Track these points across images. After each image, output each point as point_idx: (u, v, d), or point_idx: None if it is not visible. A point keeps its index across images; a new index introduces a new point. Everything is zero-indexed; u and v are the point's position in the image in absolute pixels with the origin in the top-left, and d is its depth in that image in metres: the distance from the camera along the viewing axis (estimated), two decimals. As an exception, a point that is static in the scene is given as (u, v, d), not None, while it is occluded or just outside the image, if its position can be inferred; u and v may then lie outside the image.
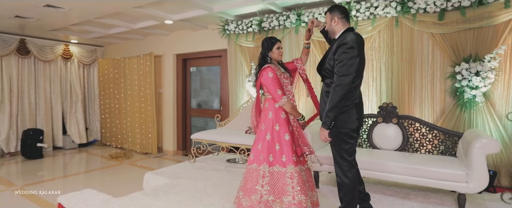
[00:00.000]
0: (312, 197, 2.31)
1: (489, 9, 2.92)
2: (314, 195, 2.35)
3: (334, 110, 1.88)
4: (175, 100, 5.78)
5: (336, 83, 1.88)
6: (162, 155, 5.82)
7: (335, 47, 1.93)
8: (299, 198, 2.16)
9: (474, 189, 2.28)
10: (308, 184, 2.32)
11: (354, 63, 1.87)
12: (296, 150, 2.27)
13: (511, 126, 2.94)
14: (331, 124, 1.91)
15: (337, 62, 1.89)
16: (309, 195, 2.26)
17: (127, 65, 6.09)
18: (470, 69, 2.96)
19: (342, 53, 1.87)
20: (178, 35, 5.57)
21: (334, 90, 1.88)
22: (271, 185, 2.20)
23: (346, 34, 1.96)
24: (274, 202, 2.17)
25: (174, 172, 3.56)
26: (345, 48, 1.86)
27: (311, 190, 2.33)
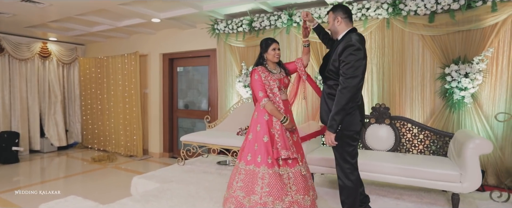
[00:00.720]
0: (304, 201, 2.26)
1: (477, 12, 3.00)
2: (306, 199, 2.28)
3: (341, 112, 1.84)
4: (162, 101, 5.61)
5: (343, 86, 1.84)
6: (148, 158, 5.64)
7: (341, 48, 1.88)
8: (265, 199, 2.16)
9: (467, 188, 2.32)
10: (296, 187, 2.26)
11: (361, 65, 1.84)
12: (273, 152, 2.26)
13: (497, 126, 3.03)
14: (338, 127, 1.87)
15: (344, 64, 1.85)
16: (288, 200, 2.20)
17: (111, 65, 5.86)
18: (459, 71, 3.03)
19: (349, 55, 1.83)
20: (164, 34, 5.41)
21: (340, 93, 1.84)
22: (244, 182, 2.27)
23: (351, 35, 1.93)
24: (244, 198, 2.23)
25: (163, 175, 3.43)
26: (352, 50, 1.83)
27: (302, 194, 2.27)
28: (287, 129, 2.35)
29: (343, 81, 1.84)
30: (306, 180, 2.36)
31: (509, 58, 2.96)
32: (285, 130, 2.33)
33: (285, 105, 2.47)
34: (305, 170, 2.41)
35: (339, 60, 1.89)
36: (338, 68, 1.91)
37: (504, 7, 2.91)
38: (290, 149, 2.29)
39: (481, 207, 2.54)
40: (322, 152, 3.03)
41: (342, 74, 1.86)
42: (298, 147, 2.47)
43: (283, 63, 2.55)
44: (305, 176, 2.35)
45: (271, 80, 2.38)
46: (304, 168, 2.41)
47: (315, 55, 3.87)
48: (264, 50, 2.46)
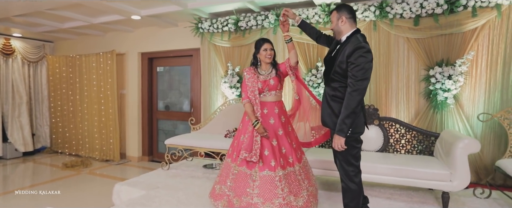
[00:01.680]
0: (296, 201, 2.26)
1: (458, 17, 3.13)
2: (298, 200, 2.27)
3: (352, 116, 1.81)
4: (140, 102, 5.35)
5: (353, 88, 1.80)
6: (126, 162, 5.36)
7: (349, 50, 1.85)
8: (256, 200, 2.23)
9: (457, 187, 2.40)
10: (288, 189, 2.24)
11: (370, 67, 1.83)
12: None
13: (476, 125, 3.18)
14: (348, 130, 1.84)
15: (353, 66, 1.82)
16: (279, 202, 2.20)
17: (84, 64, 5.50)
18: (443, 73, 3.15)
19: (359, 57, 1.80)
20: (143, 32, 5.16)
21: (351, 96, 1.81)
22: (235, 183, 2.37)
23: (358, 36, 1.91)
24: (234, 198, 2.34)
25: (148, 181, 3.25)
26: (363, 52, 1.80)
27: (294, 194, 2.28)
28: (259, 133, 2.33)
29: (354, 84, 1.81)
30: (298, 181, 2.34)
31: (487, 61, 3.12)
32: (266, 132, 2.36)
33: (270, 107, 2.43)
34: (302, 171, 2.41)
35: (347, 62, 1.85)
36: (345, 70, 1.88)
37: (483, 13, 3.06)
38: (249, 150, 2.33)
39: (467, 203, 2.65)
40: (315, 153, 3.01)
41: (351, 76, 1.82)
42: (295, 148, 2.45)
43: (278, 64, 2.51)
44: (309, 168, 2.44)
45: (255, 82, 2.42)
46: (300, 168, 2.40)
47: (303, 56, 3.86)
48: (257, 50, 2.49)
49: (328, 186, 3.10)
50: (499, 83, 3.08)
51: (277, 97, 2.49)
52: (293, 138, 2.51)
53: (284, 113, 2.52)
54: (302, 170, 2.44)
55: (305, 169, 2.48)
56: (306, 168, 2.51)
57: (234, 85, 4.18)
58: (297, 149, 2.48)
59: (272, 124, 2.41)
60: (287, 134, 2.45)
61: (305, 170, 2.47)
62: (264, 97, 2.47)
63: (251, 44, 4.16)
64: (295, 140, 2.52)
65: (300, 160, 2.47)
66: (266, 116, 2.43)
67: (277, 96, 2.49)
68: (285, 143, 2.41)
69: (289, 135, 2.47)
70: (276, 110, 2.44)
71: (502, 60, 3.06)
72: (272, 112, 2.43)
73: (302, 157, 2.52)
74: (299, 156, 2.47)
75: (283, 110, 2.52)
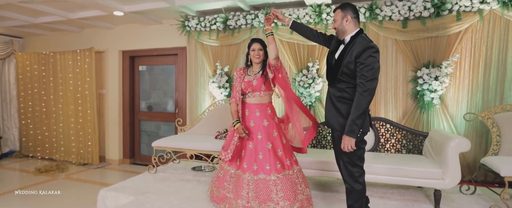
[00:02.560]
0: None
1: (444, 20, 3.25)
2: (294, 205, 2.22)
3: (362, 116, 1.80)
4: (121, 102, 5.11)
5: (364, 89, 1.79)
6: (106, 165, 5.10)
7: (358, 50, 1.83)
8: (252, 203, 2.24)
9: (449, 185, 2.48)
10: (283, 193, 2.22)
11: (379, 67, 1.83)
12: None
13: (460, 124, 3.32)
14: (359, 131, 1.83)
15: (363, 66, 1.81)
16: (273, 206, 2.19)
17: (59, 62, 5.16)
18: (430, 74, 3.25)
19: (369, 57, 1.79)
20: (125, 29, 4.93)
21: (362, 96, 1.79)
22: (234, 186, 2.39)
23: (363, 36, 1.90)
24: (232, 200, 2.35)
25: (135, 186, 3.09)
26: (372, 52, 1.80)
27: (290, 200, 2.22)
28: (239, 133, 2.34)
29: (364, 84, 1.80)
30: (294, 185, 2.29)
31: (470, 63, 3.26)
32: (245, 134, 2.34)
33: (252, 109, 2.39)
34: (297, 176, 2.35)
35: (356, 62, 1.84)
36: (353, 71, 1.87)
37: (466, 17, 3.19)
38: (227, 151, 2.40)
39: (456, 200, 2.75)
40: (309, 154, 2.99)
41: (361, 76, 1.81)
42: (287, 152, 2.39)
43: (267, 63, 2.40)
44: (294, 182, 2.29)
45: (239, 82, 2.43)
46: (294, 172, 2.34)
47: (293, 56, 3.85)
48: (248, 50, 2.49)
49: (322, 187, 3.11)
50: (480, 85, 3.24)
51: (261, 100, 2.40)
52: (278, 144, 2.35)
53: (267, 116, 2.38)
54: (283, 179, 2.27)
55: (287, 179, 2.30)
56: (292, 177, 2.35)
57: (223, 86, 4.09)
58: (284, 156, 2.33)
59: (252, 126, 2.37)
60: (269, 139, 2.33)
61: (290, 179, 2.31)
62: (247, 98, 2.44)
63: (240, 44, 4.10)
64: (282, 146, 2.35)
65: (289, 166, 2.33)
66: (247, 117, 2.41)
67: (262, 99, 2.40)
68: (263, 148, 2.30)
69: (273, 141, 2.34)
70: (258, 113, 2.37)
71: (484, 62, 3.22)
72: (253, 114, 2.38)
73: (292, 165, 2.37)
74: (289, 163, 2.33)
75: (266, 113, 2.39)
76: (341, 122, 1.93)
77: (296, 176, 2.35)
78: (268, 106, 2.43)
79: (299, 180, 2.36)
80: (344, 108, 1.92)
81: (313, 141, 3.40)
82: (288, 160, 2.35)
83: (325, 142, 3.38)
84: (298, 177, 2.37)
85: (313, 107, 3.77)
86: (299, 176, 2.38)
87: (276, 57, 2.26)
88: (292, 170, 2.34)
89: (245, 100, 2.45)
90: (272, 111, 2.45)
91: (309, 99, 3.74)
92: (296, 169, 2.39)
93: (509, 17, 3.11)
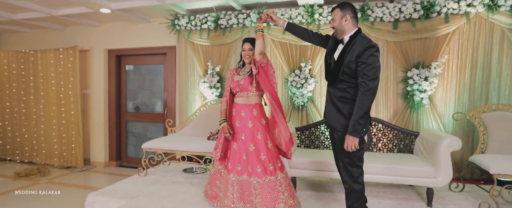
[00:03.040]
0: None
1: (433, 22, 3.33)
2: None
3: (366, 116, 1.81)
4: (107, 103, 4.94)
5: (367, 88, 1.79)
6: (91, 168, 4.91)
7: (359, 49, 1.83)
8: (237, 204, 2.26)
9: (441, 183, 2.54)
10: (261, 198, 2.20)
11: (380, 66, 1.84)
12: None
13: (448, 124, 3.42)
14: (363, 131, 1.82)
15: (365, 66, 1.81)
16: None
17: (40, 60, 4.93)
18: (420, 75, 3.32)
19: (370, 56, 1.80)
20: (111, 27, 4.77)
21: (365, 96, 1.80)
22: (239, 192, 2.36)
23: (363, 36, 1.91)
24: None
25: (125, 190, 2.98)
26: (373, 51, 1.81)
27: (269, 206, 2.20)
28: (223, 133, 2.35)
29: (367, 83, 1.80)
30: (275, 193, 2.19)
31: (457, 64, 3.36)
32: (229, 134, 2.33)
33: (238, 109, 2.37)
34: (280, 183, 2.23)
35: (357, 62, 1.84)
36: (354, 71, 1.86)
37: (454, 19, 3.29)
38: (216, 150, 2.42)
39: (446, 197, 2.81)
40: (303, 154, 2.99)
41: (363, 76, 1.81)
42: (272, 156, 2.28)
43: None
44: (275, 189, 2.20)
45: (229, 81, 2.46)
46: (277, 179, 2.23)
47: (285, 56, 3.84)
48: (241, 50, 2.47)
49: (316, 187, 3.11)
50: (467, 85, 3.34)
51: (248, 100, 2.36)
52: (262, 148, 2.27)
53: (253, 117, 2.32)
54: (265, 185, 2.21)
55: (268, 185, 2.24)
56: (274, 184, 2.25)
57: (214, 86, 4.03)
58: (267, 161, 2.25)
59: (237, 127, 2.36)
60: (252, 141, 2.27)
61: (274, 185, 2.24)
62: (235, 98, 2.43)
63: (231, 43, 4.05)
64: (266, 150, 2.27)
65: (271, 172, 2.24)
66: (233, 117, 2.40)
67: (249, 99, 2.36)
68: (246, 150, 2.27)
69: (256, 143, 2.27)
70: (243, 113, 2.34)
71: (470, 64, 3.32)
72: (239, 114, 2.37)
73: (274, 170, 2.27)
74: (272, 169, 2.25)
75: (252, 114, 2.33)
76: (342, 122, 1.92)
77: (279, 183, 2.24)
78: (255, 106, 2.36)
79: (282, 188, 2.23)
80: (345, 107, 1.92)
81: (306, 141, 3.40)
82: (271, 165, 2.25)
83: (318, 142, 3.38)
84: (281, 184, 2.25)
85: (305, 107, 3.78)
86: (282, 183, 2.25)
87: (260, 52, 2.21)
88: (274, 176, 2.23)
89: (233, 100, 2.45)
90: (259, 112, 2.37)
91: (302, 99, 3.74)
92: (280, 176, 2.27)
93: (494, 20, 3.22)
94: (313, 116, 3.74)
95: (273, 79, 2.35)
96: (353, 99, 1.89)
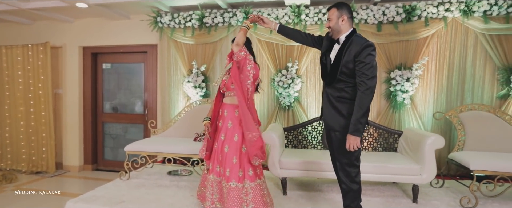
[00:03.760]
0: None
1: (414, 25, 3.47)
2: None
3: (366, 115, 1.83)
4: (82, 103, 4.66)
5: (366, 87, 1.82)
6: (64, 173, 4.61)
7: (357, 49, 1.85)
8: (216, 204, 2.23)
9: (426, 179, 2.64)
10: (217, 195, 2.22)
11: (377, 65, 1.89)
12: None
13: (427, 123, 3.58)
14: (364, 130, 1.84)
15: (363, 65, 1.83)
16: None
17: (5, 57, 4.54)
18: (402, 76, 3.45)
19: (368, 55, 1.82)
20: (86, 23, 4.51)
21: (364, 95, 1.82)
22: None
23: (359, 35, 1.94)
24: None
25: (108, 195, 2.82)
26: (371, 50, 1.84)
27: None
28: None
29: (365, 82, 1.82)
30: (239, 202, 2.07)
31: (436, 66, 3.53)
32: (206, 132, 2.32)
33: (222, 109, 2.33)
34: (245, 193, 2.09)
35: (355, 61, 1.86)
36: (352, 70, 1.88)
37: (433, 23, 3.45)
38: (202, 148, 2.39)
39: (429, 193, 2.94)
40: (291, 155, 2.99)
41: (362, 75, 1.83)
42: (245, 162, 2.17)
43: None
44: (239, 198, 2.07)
45: (219, 80, 2.40)
46: (244, 187, 2.11)
47: (272, 56, 3.83)
48: None
49: (305, 187, 3.12)
50: (444, 86, 3.52)
51: (232, 100, 2.25)
52: (235, 151, 2.16)
53: (234, 118, 2.23)
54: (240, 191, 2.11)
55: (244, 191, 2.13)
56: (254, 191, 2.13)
57: (199, 85, 3.93)
58: (237, 166, 2.14)
59: (219, 126, 2.33)
60: (228, 142, 2.19)
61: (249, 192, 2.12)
62: (224, 98, 2.39)
63: (217, 42, 3.98)
64: (239, 154, 2.16)
65: (239, 178, 2.13)
66: (219, 116, 2.38)
67: (233, 99, 2.24)
68: (222, 150, 2.20)
69: (231, 145, 2.17)
70: (226, 113, 2.29)
71: (447, 66, 3.50)
72: (222, 114, 2.33)
73: (242, 177, 2.15)
74: (241, 175, 2.15)
75: (233, 114, 2.24)
76: (341, 122, 1.94)
77: (245, 192, 2.10)
78: (237, 107, 2.23)
79: (248, 199, 2.07)
80: (344, 107, 1.93)
81: (294, 141, 3.41)
82: (241, 172, 2.13)
83: (305, 142, 3.40)
84: (247, 194, 2.09)
85: (292, 107, 3.79)
86: (249, 194, 2.09)
87: (237, 43, 2.09)
88: (242, 184, 2.12)
89: (222, 99, 2.41)
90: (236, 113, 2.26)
91: (288, 99, 3.75)
92: (248, 185, 2.11)
93: (469, 25, 3.41)
94: (300, 116, 3.76)
95: (248, 76, 2.12)
96: (351, 98, 1.91)
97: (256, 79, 2.34)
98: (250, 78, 2.14)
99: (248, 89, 2.15)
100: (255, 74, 2.23)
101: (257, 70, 2.29)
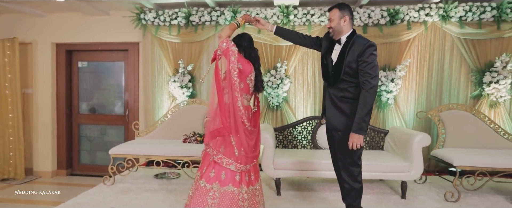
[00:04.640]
0: None
1: (397, 28, 3.62)
2: None
3: (369, 113, 1.87)
4: (55, 103, 4.35)
5: (370, 86, 1.85)
6: (35, 179, 4.27)
7: (360, 49, 1.87)
8: None
9: (414, 176, 2.76)
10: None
11: (378, 64, 1.93)
12: None
13: (409, 121, 3.74)
14: (367, 128, 1.88)
15: (366, 64, 1.86)
16: None
17: (-34, 53, 4.12)
18: (387, 77, 3.58)
19: (371, 55, 1.86)
20: (60, 18, 4.21)
21: (368, 93, 1.85)
22: None
23: (360, 36, 1.97)
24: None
25: (93, 202, 2.65)
26: (373, 50, 1.87)
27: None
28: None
29: (369, 81, 1.86)
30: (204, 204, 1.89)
31: (417, 68, 3.71)
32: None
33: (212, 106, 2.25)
34: (212, 196, 1.90)
35: (358, 61, 1.89)
36: (355, 70, 1.91)
37: (415, 26, 3.62)
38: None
39: (414, 189, 3.07)
40: (283, 155, 2.98)
41: (365, 74, 1.86)
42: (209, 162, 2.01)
43: None
44: (204, 200, 1.90)
45: None
46: (212, 189, 1.91)
47: (260, 56, 3.79)
48: None
49: (298, 186, 3.14)
50: (425, 87, 3.71)
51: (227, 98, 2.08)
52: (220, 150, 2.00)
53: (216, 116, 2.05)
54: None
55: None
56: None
57: (186, 85, 3.82)
58: (205, 164, 2.00)
59: None
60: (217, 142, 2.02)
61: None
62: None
63: (204, 41, 3.89)
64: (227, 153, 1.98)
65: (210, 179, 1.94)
66: None
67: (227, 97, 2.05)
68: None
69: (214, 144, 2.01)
70: (219, 112, 2.10)
71: (427, 67, 3.69)
72: (215, 111, 2.15)
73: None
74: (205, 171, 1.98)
75: None
76: (344, 122, 1.96)
77: (212, 196, 1.90)
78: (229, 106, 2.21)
79: (213, 202, 1.89)
80: (347, 107, 1.96)
81: (284, 141, 3.42)
82: (205, 168, 1.98)
83: (295, 142, 3.43)
84: (214, 198, 1.89)
85: (280, 107, 3.80)
86: (216, 197, 1.89)
87: (219, 36, 1.97)
88: (211, 185, 1.92)
89: None
90: None
91: (277, 100, 3.75)
92: (217, 187, 1.90)
93: (446, 29, 3.62)
94: (288, 116, 3.78)
95: (233, 67, 1.91)
96: (354, 98, 1.95)
97: (247, 74, 2.02)
98: (235, 70, 1.92)
99: (235, 81, 1.92)
100: (244, 68, 1.96)
101: (247, 64, 2.01)
